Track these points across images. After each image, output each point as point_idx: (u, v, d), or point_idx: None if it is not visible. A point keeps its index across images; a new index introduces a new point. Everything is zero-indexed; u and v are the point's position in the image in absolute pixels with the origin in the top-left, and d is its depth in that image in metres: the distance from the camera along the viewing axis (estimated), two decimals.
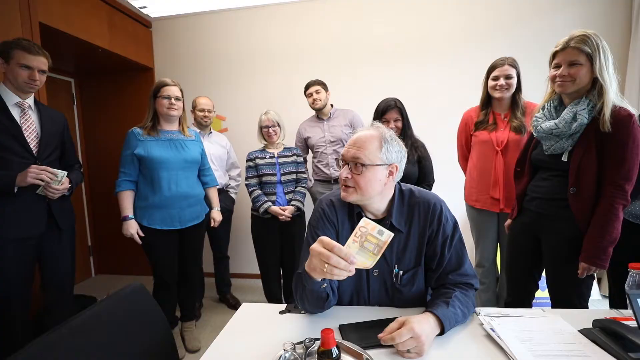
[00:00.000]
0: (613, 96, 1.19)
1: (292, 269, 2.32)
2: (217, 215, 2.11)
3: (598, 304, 2.34)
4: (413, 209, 0.98)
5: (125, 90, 3.06)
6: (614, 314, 0.92)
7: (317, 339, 0.83)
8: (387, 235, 0.70)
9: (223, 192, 2.44)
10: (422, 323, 0.78)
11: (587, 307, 1.36)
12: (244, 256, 3.06)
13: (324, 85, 2.35)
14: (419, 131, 2.01)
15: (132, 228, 1.74)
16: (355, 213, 0.99)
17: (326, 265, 0.69)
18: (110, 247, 3.26)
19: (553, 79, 1.27)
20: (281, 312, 1.02)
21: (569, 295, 1.34)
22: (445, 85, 2.65)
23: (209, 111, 2.34)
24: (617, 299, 1.49)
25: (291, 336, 0.87)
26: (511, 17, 2.52)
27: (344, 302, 1.03)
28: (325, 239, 0.72)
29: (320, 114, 2.44)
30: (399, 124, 1.87)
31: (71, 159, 1.74)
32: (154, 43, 3.03)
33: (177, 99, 1.78)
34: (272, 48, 2.87)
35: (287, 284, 2.36)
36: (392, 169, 0.95)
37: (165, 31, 3.01)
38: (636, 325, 0.77)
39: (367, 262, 0.71)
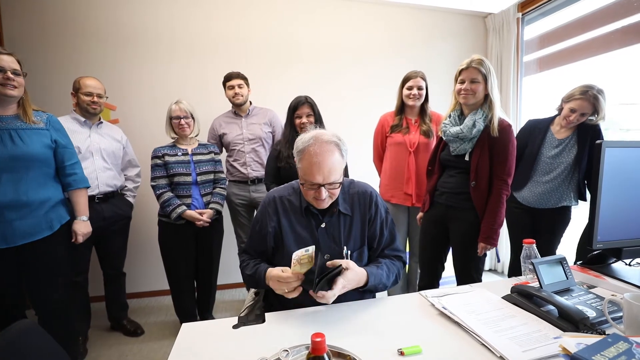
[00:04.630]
0: (499, 109, 1.52)
1: (208, 281, 2.09)
2: (80, 228, 1.61)
3: (485, 275, 2.95)
4: (354, 197, 1.14)
5: None
6: (516, 281, 1.15)
7: (294, 348, 0.77)
8: (311, 248, 0.95)
9: (117, 196, 2.00)
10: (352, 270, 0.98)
11: (481, 280, 1.67)
12: (141, 271, 2.60)
13: (246, 80, 2.21)
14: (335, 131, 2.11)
15: None
16: (303, 207, 1.11)
17: (285, 290, 0.94)
18: None
19: (459, 92, 1.54)
20: (235, 327, 0.90)
21: (469, 271, 1.62)
22: (360, 90, 2.89)
23: (99, 96, 1.87)
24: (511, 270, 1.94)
25: (258, 352, 0.78)
26: (413, 39, 3.01)
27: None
28: (276, 277, 0.96)
29: (238, 110, 2.28)
30: (312, 119, 1.88)
31: None
32: None
33: (15, 73, 1.36)
34: (181, 31, 2.54)
35: (203, 297, 2.11)
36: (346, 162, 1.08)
37: None
38: (539, 286, 0.99)
39: (310, 268, 0.96)
